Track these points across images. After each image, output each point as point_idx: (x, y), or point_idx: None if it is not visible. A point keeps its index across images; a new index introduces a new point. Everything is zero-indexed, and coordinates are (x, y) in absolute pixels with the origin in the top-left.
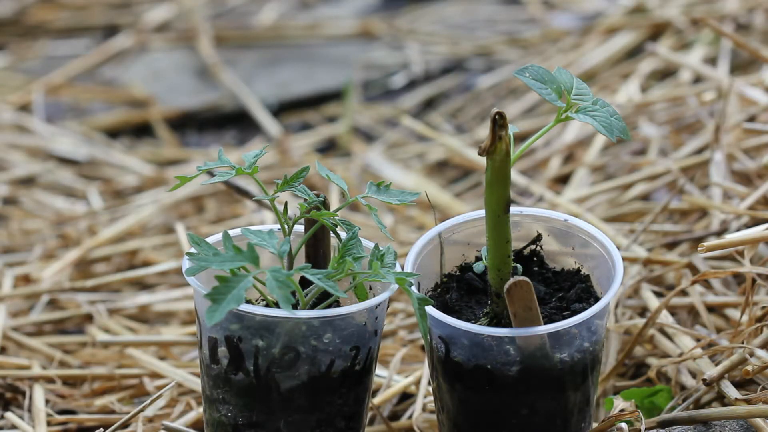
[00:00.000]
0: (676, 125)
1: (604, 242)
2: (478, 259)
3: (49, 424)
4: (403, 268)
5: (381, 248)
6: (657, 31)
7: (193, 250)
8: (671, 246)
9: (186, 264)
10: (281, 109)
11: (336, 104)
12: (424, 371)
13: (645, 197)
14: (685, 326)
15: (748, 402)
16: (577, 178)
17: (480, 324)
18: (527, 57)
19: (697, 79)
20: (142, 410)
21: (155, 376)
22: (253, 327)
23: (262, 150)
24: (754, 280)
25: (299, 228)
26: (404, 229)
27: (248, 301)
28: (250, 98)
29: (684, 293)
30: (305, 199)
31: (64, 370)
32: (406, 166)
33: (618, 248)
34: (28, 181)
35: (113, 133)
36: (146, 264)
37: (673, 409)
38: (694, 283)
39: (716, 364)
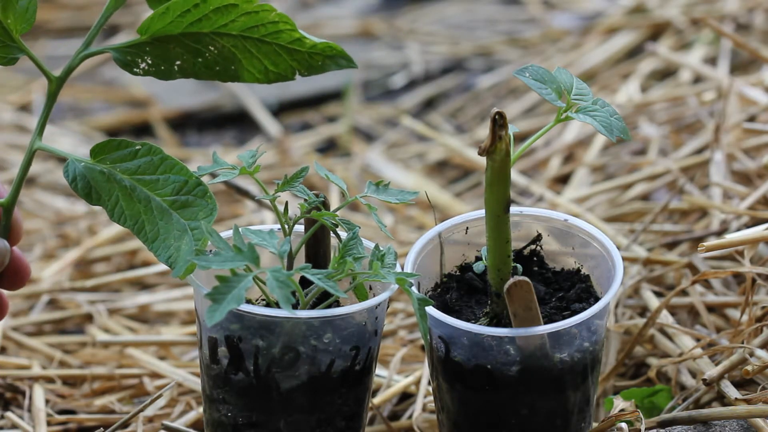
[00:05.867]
0: (676, 125)
1: (604, 242)
2: (478, 259)
3: (49, 424)
4: (403, 268)
5: (381, 248)
6: (657, 31)
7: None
8: (671, 246)
9: None
10: (281, 109)
11: (336, 104)
12: (424, 371)
13: (645, 197)
14: (685, 326)
15: (748, 402)
16: (577, 178)
17: (480, 324)
18: (527, 57)
19: (697, 79)
20: (142, 410)
21: (155, 376)
22: (253, 327)
23: (257, 149)
24: (754, 280)
25: (299, 228)
26: (404, 229)
27: (248, 301)
28: (250, 98)
29: (684, 293)
30: (305, 200)
31: (64, 370)
32: (406, 166)
33: (618, 248)
34: (28, 181)
35: (113, 133)
36: (146, 264)
37: (673, 409)
38: (694, 283)
39: (716, 364)
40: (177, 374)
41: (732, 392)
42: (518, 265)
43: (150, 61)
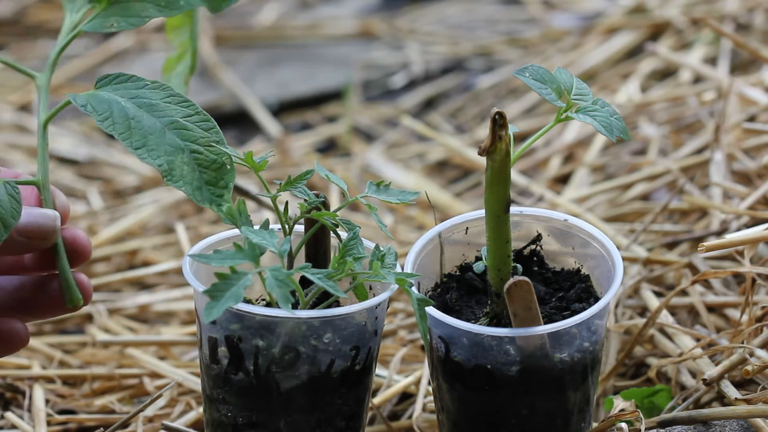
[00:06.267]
0: (676, 125)
1: (604, 242)
2: (478, 259)
3: (49, 424)
4: (403, 268)
5: (381, 248)
6: (657, 31)
7: (193, 252)
8: (671, 246)
9: (186, 264)
10: (281, 109)
11: (336, 104)
12: (424, 371)
13: (645, 197)
14: (685, 326)
15: (748, 402)
16: (577, 178)
17: (480, 324)
18: (527, 57)
19: (697, 79)
20: (142, 410)
21: (155, 375)
22: (253, 327)
23: (267, 153)
24: (754, 280)
25: (299, 228)
26: (404, 229)
27: (248, 301)
28: (250, 98)
29: (684, 293)
30: (305, 200)
31: (64, 370)
32: (406, 166)
33: (618, 248)
34: None
35: None
36: (146, 264)
37: (673, 409)
38: (694, 283)
39: (716, 364)
40: (177, 374)
41: (732, 392)
42: (518, 265)
43: (118, 19)
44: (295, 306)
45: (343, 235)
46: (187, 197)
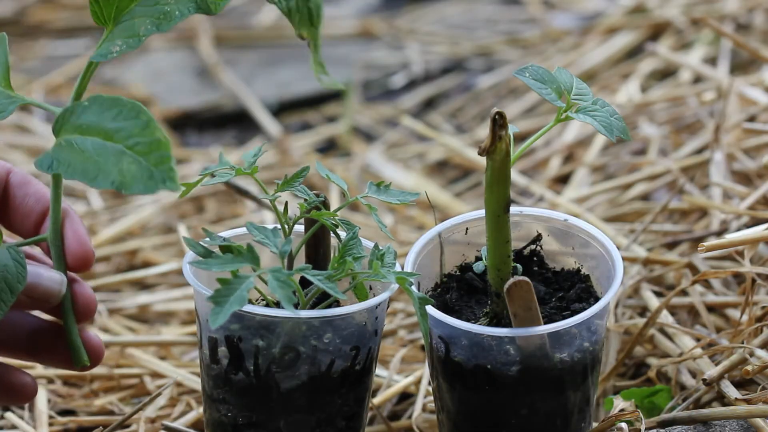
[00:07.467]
0: (676, 125)
1: (604, 242)
2: (478, 259)
3: (49, 425)
4: (403, 268)
5: (381, 248)
6: (657, 31)
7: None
8: (671, 246)
9: (186, 265)
10: (281, 109)
11: (336, 104)
12: (424, 371)
13: (645, 197)
14: (685, 326)
15: (748, 402)
16: (577, 178)
17: (480, 324)
18: (527, 57)
19: (697, 79)
20: (140, 409)
21: (155, 375)
22: (253, 327)
23: (259, 148)
24: (754, 280)
25: (299, 228)
26: (404, 229)
27: (248, 301)
28: (250, 98)
29: (684, 293)
30: (305, 199)
31: (64, 370)
32: (406, 166)
33: (618, 248)
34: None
35: None
36: (146, 264)
37: (673, 409)
38: (694, 283)
39: (716, 364)
40: (177, 373)
41: (732, 392)
42: (518, 265)
43: (120, 42)
44: (295, 306)
45: (343, 234)
46: (187, 199)
